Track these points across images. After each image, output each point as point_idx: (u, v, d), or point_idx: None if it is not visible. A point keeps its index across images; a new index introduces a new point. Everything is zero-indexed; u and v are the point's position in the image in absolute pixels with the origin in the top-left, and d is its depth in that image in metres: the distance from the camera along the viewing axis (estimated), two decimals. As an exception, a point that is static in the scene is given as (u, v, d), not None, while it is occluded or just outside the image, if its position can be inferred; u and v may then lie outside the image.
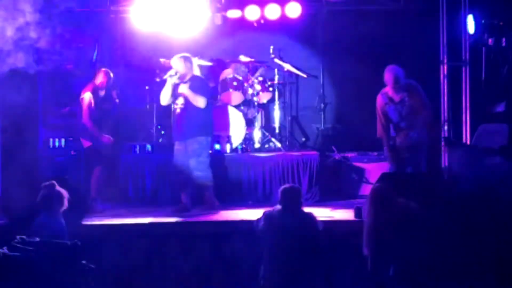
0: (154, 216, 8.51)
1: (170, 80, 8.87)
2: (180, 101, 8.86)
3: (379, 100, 8.50)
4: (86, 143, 9.18)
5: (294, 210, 6.57)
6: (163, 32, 10.36)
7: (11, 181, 8.97)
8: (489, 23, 9.02)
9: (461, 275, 5.84)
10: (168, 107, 10.57)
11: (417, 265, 5.81)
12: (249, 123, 10.37)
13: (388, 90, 8.46)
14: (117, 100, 9.52)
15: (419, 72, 10.33)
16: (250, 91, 10.44)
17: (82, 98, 9.15)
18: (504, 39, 8.86)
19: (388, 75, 8.40)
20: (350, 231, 7.71)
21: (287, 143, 10.56)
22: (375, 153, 9.96)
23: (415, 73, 10.36)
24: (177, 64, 8.89)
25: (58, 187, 6.73)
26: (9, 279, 5.65)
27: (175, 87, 8.86)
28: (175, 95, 8.89)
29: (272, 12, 10.55)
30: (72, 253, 6.23)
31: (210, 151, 9.12)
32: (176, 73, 8.85)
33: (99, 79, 9.26)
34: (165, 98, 8.99)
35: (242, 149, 10.19)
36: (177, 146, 8.90)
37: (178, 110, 8.89)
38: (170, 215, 8.58)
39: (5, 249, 5.80)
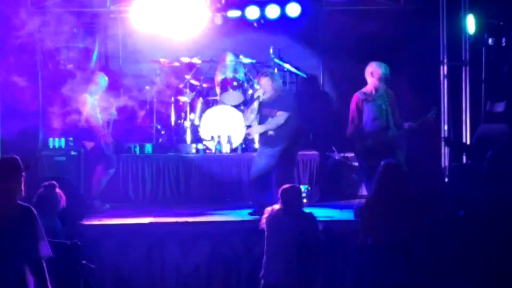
0: (154, 216, 8.51)
1: (258, 101, 8.63)
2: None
3: (356, 96, 8.46)
4: (89, 145, 9.21)
5: (294, 210, 6.57)
6: (163, 32, 10.36)
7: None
8: (489, 23, 9.01)
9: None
10: (168, 106, 10.62)
11: None
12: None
13: (368, 89, 8.45)
14: (114, 112, 9.51)
15: (419, 72, 10.36)
16: (250, 91, 10.44)
17: (80, 101, 9.18)
18: (504, 39, 8.85)
19: (374, 70, 8.39)
20: (350, 231, 7.72)
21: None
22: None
23: (415, 73, 10.40)
24: (266, 84, 8.61)
25: (58, 189, 6.73)
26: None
27: (264, 106, 8.60)
28: (261, 114, 8.64)
29: (272, 12, 10.54)
30: (72, 253, 6.23)
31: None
32: (264, 93, 8.62)
33: (94, 83, 9.31)
34: (249, 120, 8.79)
35: (242, 149, 10.20)
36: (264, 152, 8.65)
37: (270, 133, 8.51)
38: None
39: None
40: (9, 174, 4.98)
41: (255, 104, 8.64)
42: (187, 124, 10.40)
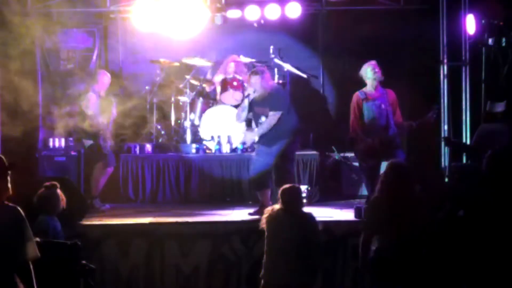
0: (154, 216, 8.51)
1: (249, 99, 8.52)
2: (263, 120, 8.46)
3: (356, 96, 8.51)
4: (87, 143, 9.23)
5: (294, 210, 6.57)
6: (163, 32, 10.36)
7: (11, 181, 8.95)
8: (489, 23, 9.01)
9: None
10: (168, 106, 10.63)
11: None
12: (249, 123, 10.35)
13: (366, 89, 8.50)
14: (114, 112, 9.52)
15: (419, 72, 10.36)
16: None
17: (85, 99, 9.18)
18: (504, 39, 8.84)
19: (366, 72, 8.46)
20: (350, 231, 7.72)
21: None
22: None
23: (415, 73, 10.40)
24: (256, 83, 8.46)
25: (59, 190, 6.73)
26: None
27: (256, 104, 8.49)
28: (253, 112, 8.57)
29: (272, 12, 10.54)
30: (72, 253, 6.23)
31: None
32: (254, 92, 8.48)
33: (99, 81, 9.32)
34: (241, 118, 8.73)
35: (242, 149, 10.20)
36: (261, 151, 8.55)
37: None
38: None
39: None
40: None
41: (246, 102, 8.58)
42: (187, 124, 10.40)
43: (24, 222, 4.84)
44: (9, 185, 4.90)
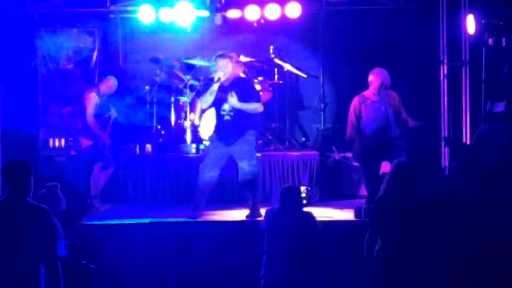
0: (154, 216, 8.51)
1: (216, 84, 8.19)
2: (226, 107, 8.24)
3: (356, 100, 8.58)
4: (86, 143, 9.22)
5: (294, 209, 6.57)
6: (163, 32, 10.37)
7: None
8: (489, 23, 9.00)
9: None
10: (168, 106, 10.63)
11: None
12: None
13: (368, 93, 8.56)
14: (113, 112, 9.50)
15: (419, 72, 10.37)
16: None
17: (87, 98, 9.18)
18: (504, 39, 8.83)
19: (373, 78, 8.52)
20: (350, 231, 7.73)
21: (287, 143, 10.57)
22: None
23: (415, 73, 10.41)
24: (224, 66, 8.20)
25: (59, 191, 6.74)
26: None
27: (220, 89, 8.17)
28: (221, 99, 8.23)
29: (272, 12, 10.53)
30: (72, 253, 6.24)
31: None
32: (224, 75, 8.18)
33: (105, 85, 9.33)
34: (208, 102, 8.33)
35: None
36: (217, 148, 8.42)
37: (226, 117, 8.26)
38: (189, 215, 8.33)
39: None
40: (22, 175, 5.07)
41: (215, 86, 8.22)
42: (187, 124, 10.40)
43: (54, 222, 4.99)
44: (32, 188, 5.05)
